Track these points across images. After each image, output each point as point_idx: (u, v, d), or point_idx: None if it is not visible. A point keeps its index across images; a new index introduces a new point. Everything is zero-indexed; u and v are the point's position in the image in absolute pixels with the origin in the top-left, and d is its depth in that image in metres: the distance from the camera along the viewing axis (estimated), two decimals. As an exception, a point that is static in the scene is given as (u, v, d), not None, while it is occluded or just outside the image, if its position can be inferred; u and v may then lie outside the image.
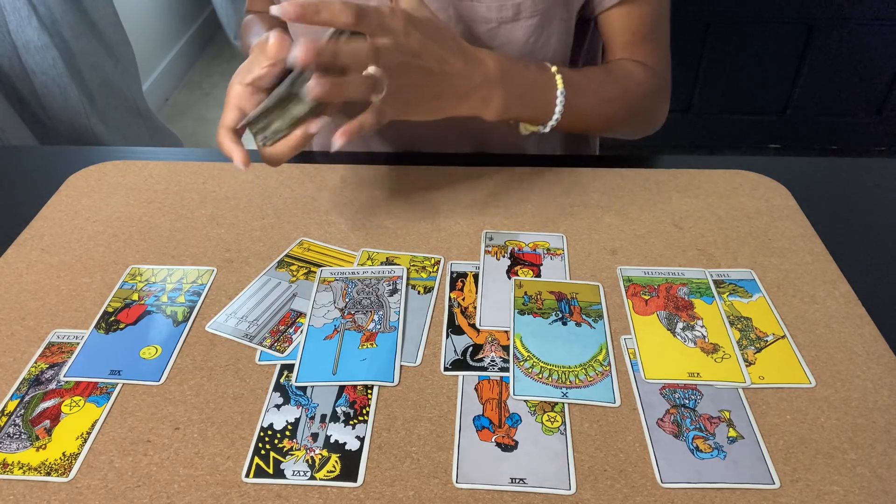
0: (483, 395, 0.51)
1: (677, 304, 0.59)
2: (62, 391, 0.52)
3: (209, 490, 0.45)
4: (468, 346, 0.55)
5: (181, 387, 0.52)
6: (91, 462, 0.47)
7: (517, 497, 0.45)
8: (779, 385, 0.52)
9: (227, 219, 0.69)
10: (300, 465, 0.46)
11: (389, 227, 0.68)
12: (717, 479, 0.45)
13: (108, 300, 0.60)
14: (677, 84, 2.32)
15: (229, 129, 0.57)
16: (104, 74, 1.79)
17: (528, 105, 0.65)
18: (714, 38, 2.03)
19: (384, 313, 0.58)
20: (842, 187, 0.74)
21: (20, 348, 0.56)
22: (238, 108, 0.57)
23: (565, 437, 0.48)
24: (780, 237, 0.66)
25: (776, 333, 0.56)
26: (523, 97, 0.64)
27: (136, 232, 0.68)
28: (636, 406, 0.50)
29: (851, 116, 2.19)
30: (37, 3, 1.57)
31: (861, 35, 2.00)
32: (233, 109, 0.57)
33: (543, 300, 0.59)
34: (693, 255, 0.64)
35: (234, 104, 0.58)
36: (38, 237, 0.67)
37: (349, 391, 0.52)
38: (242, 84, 0.57)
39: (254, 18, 0.85)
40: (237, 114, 0.57)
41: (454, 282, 0.62)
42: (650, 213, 0.70)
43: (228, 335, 0.56)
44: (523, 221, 0.69)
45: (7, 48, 1.59)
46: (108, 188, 0.74)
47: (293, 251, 0.65)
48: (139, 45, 2.16)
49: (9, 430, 0.49)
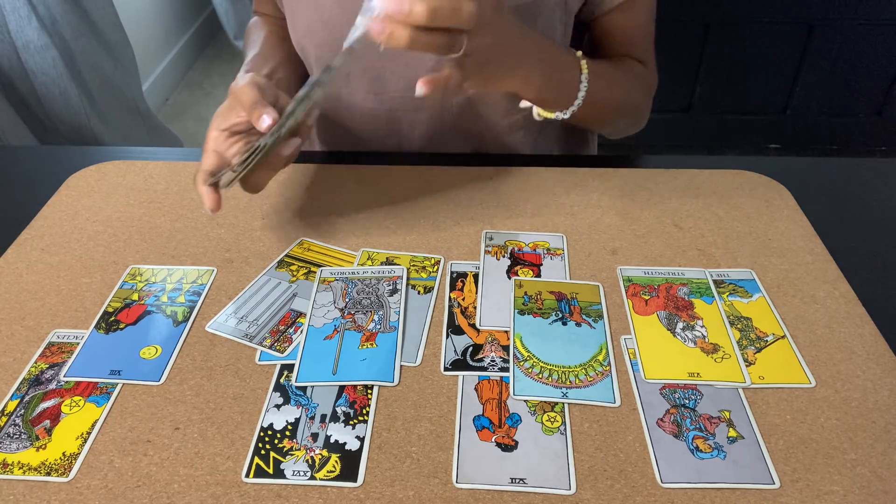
0: (483, 395, 0.51)
1: (677, 304, 0.59)
2: (62, 391, 0.52)
3: (209, 490, 0.45)
4: (468, 346, 0.55)
5: (181, 387, 0.52)
6: (91, 462, 0.47)
7: (517, 497, 0.45)
8: (779, 385, 0.52)
9: (227, 219, 0.69)
10: (300, 465, 0.46)
11: (389, 227, 0.68)
12: (717, 479, 0.45)
13: (108, 300, 0.60)
14: (677, 84, 2.32)
15: (206, 174, 0.60)
16: (104, 74, 1.79)
17: (557, 87, 0.65)
18: (714, 38, 2.03)
19: (384, 313, 0.58)
20: (842, 187, 0.74)
21: (20, 348, 0.56)
22: (215, 153, 0.61)
23: (565, 437, 0.48)
24: (780, 237, 0.66)
25: (776, 333, 0.56)
26: (556, 78, 0.64)
27: (136, 232, 0.68)
28: (636, 406, 0.50)
29: (851, 116, 2.19)
30: (37, 3, 1.57)
31: (861, 35, 2.00)
32: (210, 154, 0.61)
33: (543, 300, 0.59)
34: (693, 255, 0.64)
35: (212, 149, 0.61)
36: (38, 237, 0.67)
37: (349, 391, 0.52)
38: (219, 129, 0.61)
39: (257, 22, 0.86)
40: (214, 158, 0.60)
41: (454, 282, 0.62)
42: (650, 213, 0.70)
43: (228, 335, 0.56)
44: (523, 221, 0.69)
45: (7, 48, 1.59)
46: (108, 188, 0.74)
47: (293, 251, 0.65)
48: (139, 45, 2.16)
49: (9, 430, 0.49)
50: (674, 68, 2.06)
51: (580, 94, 0.66)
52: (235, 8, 2.68)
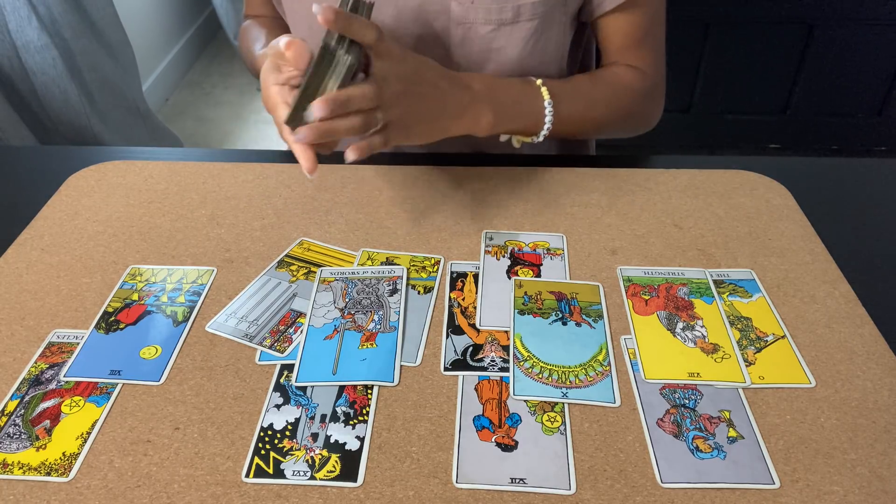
0: (483, 395, 0.51)
1: (677, 304, 0.59)
2: (62, 391, 0.52)
3: (209, 490, 0.45)
4: (468, 346, 0.55)
5: (181, 387, 0.52)
6: (91, 462, 0.47)
7: (517, 497, 0.45)
8: (779, 385, 0.52)
9: (227, 219, 0.69)
10: (300, 465, 0.46)
11: (389, 227, 0.68)
12: (717, 479, 0.45)
13: (108, 300, 0.60)
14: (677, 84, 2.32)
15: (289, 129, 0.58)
16: (104, 74, 1.79)
17: (516, 118, 0.68)
18: (714, 38, 2.03)
19: (384, 313, 0.58)
20: (842, 187, 0.74)
21: (20, 348, 0.56)
22: (285, 104, 0.59)
23: (565, 437, 0.48)
24: (780, 237, 0.66)
25: (776, 333, 0.56)
26: (511, 111, 0.67)
27: (136, 232, 0.68)
28: (636, 406, 0.50)
29: (851, 116, 2.19)
30: (37, 3, 1.57)
31: (861, 35, 2.00)
32: (282, 106, 0.59)
33: (543, 300, 0.59)
34: (693, 255, 0.64)
35: (280, 101, 0.59)
36: (38, 237, 0.67)
37: (349, 391, 0.52)
38: (278, 84, 0.60)
39: (252, 23, 0.86)
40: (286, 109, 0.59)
41: (454, 282, 0.62)
42: (650, 213, 0.70)
43: (228, 335, 0.56)
44: (523, 221, 0.69)
45: (7, 48, 1.59)
46: (108, 188, 0.74)
47: (293, 251, 0.65)
48: (139, 45, 2.16)
49: (9, 430, 0.49)
50: (674, 68, 2.04)
51: (546, 118, 0.69)
52: (235, 8, 2.68)
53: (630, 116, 0.78)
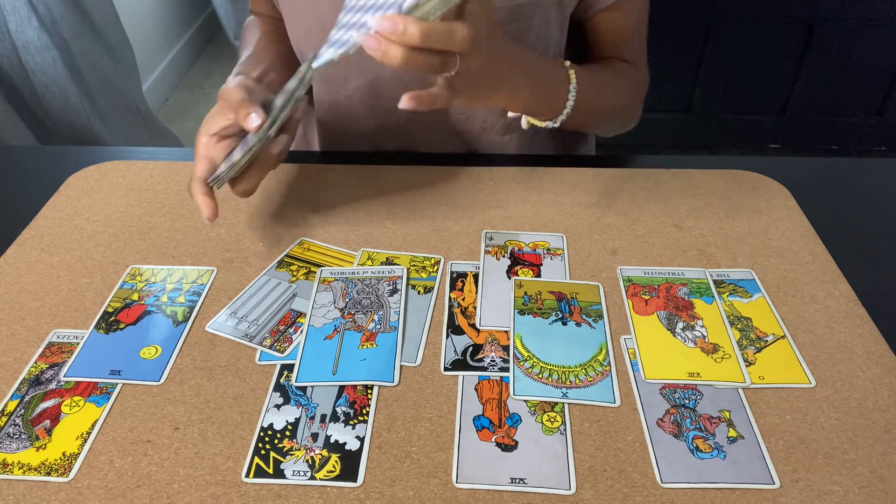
0: (483, 395, 0.51)
1: (677, 304, 0.59)
2: (62, 391, 0.52)
3: (209, 490, 0.45)
4: (468, 346, 0.55)
5: (181, 387, 0.52)
6: (91, 462, 0.47)
7: (517, 497, 0.45)
8: (779, 385, 0.52)
9: (227, 219, 0.69)
10: (300, 465, 0.46)
11: (389, 227, 0.68)
12: (717, 479, 0.45)
13: (108, 300, 0.60)
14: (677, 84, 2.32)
15: (201, 181, 0.59)
16: (104, 74, 1.79)
17: (545, 100, 0.66)
18: (714, 38, 2.03)
19: (384, 313, 0.58)
20: (842, 187, 0.74)
21: (20, 348, 0.56)
22: (207, 158, 0.60)
23: (565, 437, 0.48)
24: (780, 237, 0.66)
25: (776, 333, 0.56)
26: (543, 92, 0.65)
27: (136, 232, 0.68)
28: (636, 406, 0.50)
29: (851, 116, 2.19)
30: (37, 3, 1.57)
31: (861, 35, 2.00)
32: (202, 160, 0.60)
33: (543, 300, 0.59)
34: (693, 255, 0.64)
35: (203, 154, 0.60)
36: (38, 237, 0.67)
37: (349, 391, 0.52)
38: (209, 135, 0.60)
39: (252, 23, 0.86)
40: (207, 164, 0.60)
41: (454, 282, 0.62)
42: (650, 213, 0.70)
43: (228, 335, 0.56)
44: (523, 221, 0.69)
45: (7, 48, 1.59)
46: (108, 188, 0.74)
47: (293, 251, 0.65)
48: (139, 45, 2.16)
49: (9, 430, 0.49)
50: (674, 68, 2.06)
51: (569, 103, 0.66)
52: (235, 8, 2.68)
53: (626, 109, 0.79)
